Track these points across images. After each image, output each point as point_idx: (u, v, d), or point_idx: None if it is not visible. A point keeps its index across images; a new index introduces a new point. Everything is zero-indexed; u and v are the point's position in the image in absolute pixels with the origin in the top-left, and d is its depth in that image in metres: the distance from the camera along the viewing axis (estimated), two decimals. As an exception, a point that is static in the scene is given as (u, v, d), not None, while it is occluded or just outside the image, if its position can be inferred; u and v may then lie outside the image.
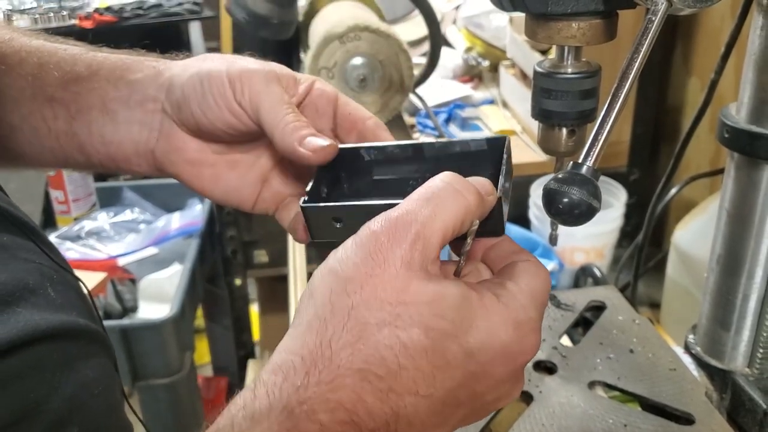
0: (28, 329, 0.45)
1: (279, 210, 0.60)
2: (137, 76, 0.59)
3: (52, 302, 0.50)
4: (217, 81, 0.54)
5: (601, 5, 0.52)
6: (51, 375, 0.46)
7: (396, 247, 0.40)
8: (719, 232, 0.73)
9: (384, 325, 0.39)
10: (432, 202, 0.42)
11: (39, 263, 0.51)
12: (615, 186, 1.43)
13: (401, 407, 0.40)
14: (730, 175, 0.70)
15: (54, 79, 0.59)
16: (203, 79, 0.55)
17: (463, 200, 0.43)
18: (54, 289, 0.50)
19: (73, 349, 0.49)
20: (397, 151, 0.55)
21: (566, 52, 0.55)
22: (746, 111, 0.67)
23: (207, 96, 0.55)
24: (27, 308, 0.47)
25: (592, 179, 0.46)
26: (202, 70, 0.56)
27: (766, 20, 0.63)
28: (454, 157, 0.54)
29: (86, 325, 0.51)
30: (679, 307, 1.25)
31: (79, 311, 0.52)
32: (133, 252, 1.68)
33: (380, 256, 0.40)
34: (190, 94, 0.55)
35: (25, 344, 0.45)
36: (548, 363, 0.79)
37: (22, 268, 0.49)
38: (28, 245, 0.52)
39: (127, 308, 1.52)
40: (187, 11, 2.92)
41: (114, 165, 0.60)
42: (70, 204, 1.75)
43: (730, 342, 0.74)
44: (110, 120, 0.58)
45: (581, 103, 0.55)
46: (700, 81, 1.44)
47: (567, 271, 1.34)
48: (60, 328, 0.48)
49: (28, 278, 0.49)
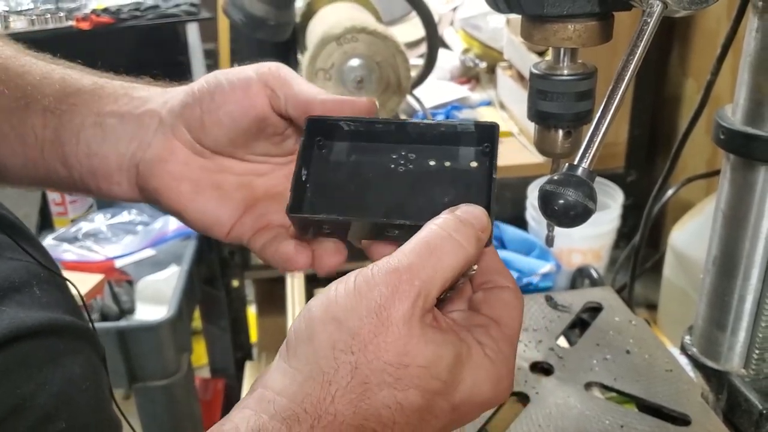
0: (13, 326, 0.45)
1: (253, 237, 0.58)
2: (141, 93, 0.58)
3: (37, 300, 0.50)
4: (239, 69, 0.54)
5: (596, 7, 0.52)
6: (37, 371, 0.46)
7: (399, 303, 0.42)
8: (715, 233, 0.73)
9: (384, 386, 0.41)
10: (434, 256, 0.43)
11: (26, 262, 0.52)
12: (612, 187, 1.43)
13: None
14: (725, 176, 0.70)
15: (54, 91, 0.58)
16: (225, 71, 0.55)
17: (463, 252, 0.44)
18: (40, 288, 0.51)
19: (60, 345, 0.49)
20: (380, 127, 0.53)
21: (562, 54, 0.55)
22: (742, 112, 0.67)
23: (225, 83, 0.54)
24: (12, 306, 0.47)
25: (587, 181, 0.47)
26: (218, 72, 0.55)
27: (761, 22, 0.63)
28: (438, 139, 0.53)
29: (72, 321, 0.51)
30: (675, 308, 1.25)
31: (65, 309, 0.52)
32: (131, 253, 1.67)
33: (384, 314, 0.41)
34: (205, 86, 0.55)
35: (9, 341, 0.45)
36: (545, 364, 0.79)
37: (9, 266, 0.49)
38: (14, 245, 0.52)
39: (124, 310, 1.52)
40: (185, 13, 2.92)
41: (94, 183, 0.58)
42: (67, 205, 1.75)
43: (726, 343, 0.74)
44: (100, 131, 0.57)
45: (577, 105, 0.55)
46: (697, 82, 1.44)
47: (564, 272, 1.34)
48: (46, 324, 0.48)
49: (14, 276, 0.49)
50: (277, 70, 0.54)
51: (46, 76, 0.59)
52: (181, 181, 0.56)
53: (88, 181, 0.58)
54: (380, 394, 0.41)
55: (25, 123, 0.58)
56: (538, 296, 0.91)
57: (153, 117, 0.56)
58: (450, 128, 0.52)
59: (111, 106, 0.57)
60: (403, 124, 0.53)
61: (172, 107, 0.56)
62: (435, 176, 0.52)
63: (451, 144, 0.52)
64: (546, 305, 0.89)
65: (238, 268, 1.78)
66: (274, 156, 0.58)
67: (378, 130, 0.53)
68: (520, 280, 1.24)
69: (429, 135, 0.53)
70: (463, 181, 0.52)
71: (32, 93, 0.58)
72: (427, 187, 0.52)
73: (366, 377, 0.41)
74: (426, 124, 0.53)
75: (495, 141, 0.51)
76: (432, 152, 0.53)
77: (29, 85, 0.58)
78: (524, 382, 0.76)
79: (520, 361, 0.79)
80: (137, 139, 0.56)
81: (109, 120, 0.57)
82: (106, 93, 0.58)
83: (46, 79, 0.58)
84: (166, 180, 0.56)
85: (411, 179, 0.52)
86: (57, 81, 0.58)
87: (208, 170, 0.57)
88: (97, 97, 0.58)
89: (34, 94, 0.58)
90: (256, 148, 0.57)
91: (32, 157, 0.58)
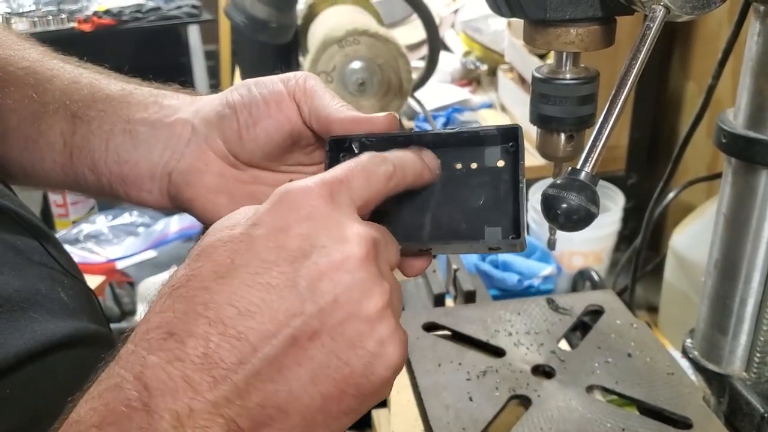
0: (45, 339, 0.46)
1: None
2: (171, 102, 0.57)
3: (65, 306, 0.50)
4: (268, 81, 0.54)
5: (599, 11, 0.52)
6: (64, 382, 0.46)
7: (335, 203, 0.41)
8: (716, 236, 0.73)
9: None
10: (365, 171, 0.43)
11: (50, 267, 0.52)
12: (613, 190, 1.43)
13: None
14: (727, 180, 0.70)
15: (82, 96, 0.57)
16: (255, 82, 0.54)
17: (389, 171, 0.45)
18: (66, 294, 0.51)
19: (87, 355, 0.49)
20: (402, 140, 0.51)
21: (564, 58, 0.56)
22: (743, 116, 0.67)
23: (259, 97, 0.53)
24: (41, 314, 0.47)
25: (590, 185, 0.47)
26: (248, 81, 0.55)
27: (762, 26, 0.63)
28: (461, 147, 0.51)
29: (97, 330, 0.52)
30: (676, 311, 1.25)
31: (89, 315, 0.52)
32: (132, 255, 1.68)
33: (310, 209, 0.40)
34: (239, 98, 0.54)
35: (40, 354, 0.45)
36: (546, 367, 0.79)
37: (35, 273, 0.50)
38: (40, 249, 0.52)
39: (125, 312, 1.52)
40: (186, 15, 2.93)
41: (123, 189, 0.57)
42: (69, 207, 1.75)
43: (727, 346, 0.74)
44: (131, 138, 0.56)
45: (579, 109, 0.55)
46: (698, 86, 1.44)
47: (565, 275, 1.34)
48: (75, 335, 0.48)
49: (40, 284, 0.49)
50: (304, 82, 0.53)
51: (74, 80, 0.58)
52: (218, 193, 0.55)
53: (117, 187, 0.58)
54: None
55: (54, 129, 0.57)
56: (539, 299, 0.91)
57: (185, 126, 0.55)
58: (472, 134, 0.51)
59: (141, 114, 0.56)
60: (423, 134, 0.52)
61: (206, 117, 0.55)
62: (463, 182, 0.51)
63: (475, 146, 0.51)
64: (547, 308, 0.90)
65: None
66: (306, 165, 0.57)
67: (401, 142, 0.51)
68: (521, 283, 1.24)
69: (452, 142, 0.51)
70: (491, 182, 0.50)
71: (61, 98, 0.57)
72: (457, 194, 0.51)
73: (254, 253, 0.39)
74: (448, 133, 0.52)
75: (519, 141, 0.50)
76: (457, 157, 0.52)
77: (58, 90, 0.57)
78: (526, 385, 0.76)
79: (522, 364, 0.79)
80: (170, 148, 0.56)
81: (140, 128, 0.56)
82: (136, 100, 0.57)
83: (74, 84, 0.58)
84: (203, 191, 0.55)
85: (441, 188, 0.51)
86: (85, 86, 0.58)
87: (242, 181, 0.56)
88: (126, 104, 0.57)
89: (63, 99, 0.57)
90: (288, 160, 0.56)
91: (61, 163, 0.58)
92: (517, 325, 0.86)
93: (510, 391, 0.75)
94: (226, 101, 0.54)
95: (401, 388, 0.78)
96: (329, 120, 0.52)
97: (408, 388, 0.79)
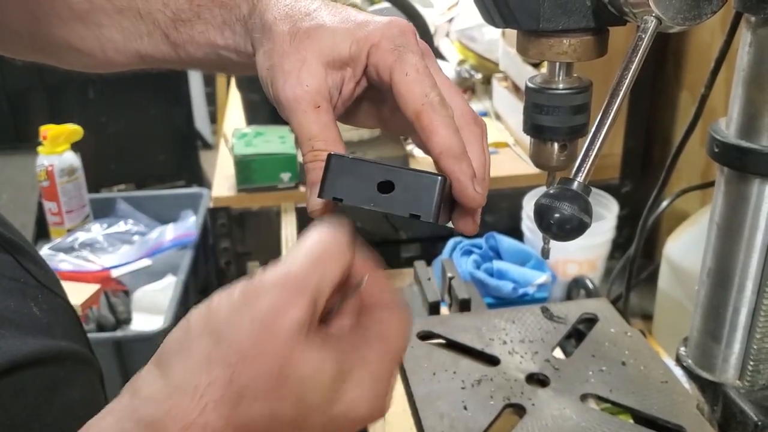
0: (10, 356, 0.45)
1: None
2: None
3: (36, 322, 0.49)
4: None
5: (592, 22, 0.52)
6: (33, 400, 0.45)
7: (292, 311, 0.40)
8: (710, 245, 0.73)
9: (261, 396, 0.40)
10: (321, 263, 0.42)
11: (23, 282, 0.51)
12: (607, 198, 1.44)
13: None
14: (720, 189, 0.71)
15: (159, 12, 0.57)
16: None
17: (346, 259, 0.43)
18: (39, 309, 0.50)
19: (59, 372, 0.48)
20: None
21: (558, 68, 0.56)
22: (735, 126, 0.67)
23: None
24: (10, 330, 0.46)
25: (582, 195, 0.47)
26: None
27: (754, 37, 0.64)
28: None
29: (71, 348, 0.51)
30: (671, 319, 1.26)
31: (64, 330, 0.51)
32: (127, 263, 1.68)
33: (271, 322, 0.40)
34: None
35: (7, 372, 0.44)
36: (541, 375, 0.79)
37: (5, 288, 0.49)
38: (13, 263, 0.52)
39: (120, 320, 1.52)
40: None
41: (203, 40, 0.56)
42: (64, 215, 1.75)
43: (721, 354, 0.75)
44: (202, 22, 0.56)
45: (573, 119, 0.56)
46: (691, 95, 1.45)
47: (559, 283, 1.34)
48: (45, 352, 0.47)
49: (9, 300, 0.48)
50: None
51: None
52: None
53: (193, 44, 0.57)
54: (255, 405, 0.40)
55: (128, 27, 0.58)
56: (534, 307, 0.91)
57: None
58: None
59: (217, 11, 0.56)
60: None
61: None
62: None
63: None
64: (542, 316, 0.90)
65: (235, 278, 1.77)
66: None
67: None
68: (515, 291, 1.25)
69: None
70: None
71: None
72: None
73: (242, 388, 0.39)
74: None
75: None
76: None
77: None
78: (520, 394, 0.76)
79: (517, 372, 0.79)
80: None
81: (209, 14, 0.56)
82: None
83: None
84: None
85: None
86: None
87: None
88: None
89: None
90: None
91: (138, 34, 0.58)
92: (511, 334, 0.86)
93: (504, 399, 0.75)
94: None
95: (396, 398, 0.78)
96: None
97: (403, 397, 0.79)
